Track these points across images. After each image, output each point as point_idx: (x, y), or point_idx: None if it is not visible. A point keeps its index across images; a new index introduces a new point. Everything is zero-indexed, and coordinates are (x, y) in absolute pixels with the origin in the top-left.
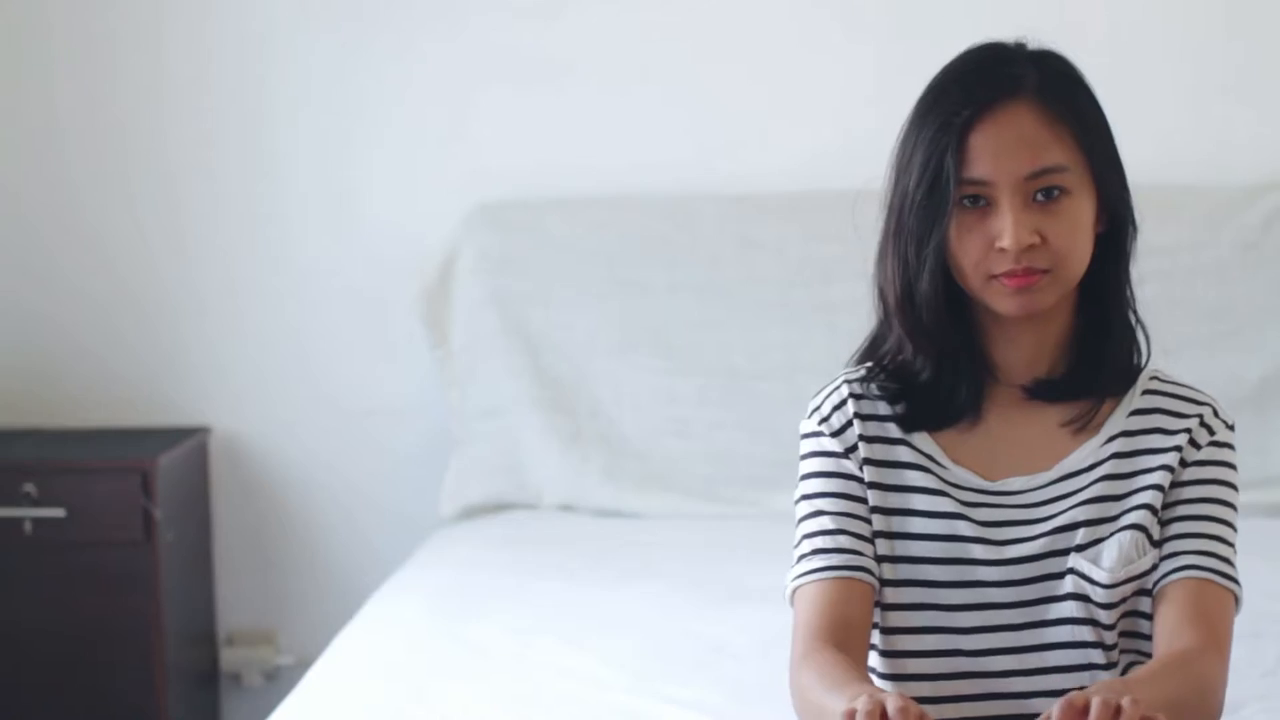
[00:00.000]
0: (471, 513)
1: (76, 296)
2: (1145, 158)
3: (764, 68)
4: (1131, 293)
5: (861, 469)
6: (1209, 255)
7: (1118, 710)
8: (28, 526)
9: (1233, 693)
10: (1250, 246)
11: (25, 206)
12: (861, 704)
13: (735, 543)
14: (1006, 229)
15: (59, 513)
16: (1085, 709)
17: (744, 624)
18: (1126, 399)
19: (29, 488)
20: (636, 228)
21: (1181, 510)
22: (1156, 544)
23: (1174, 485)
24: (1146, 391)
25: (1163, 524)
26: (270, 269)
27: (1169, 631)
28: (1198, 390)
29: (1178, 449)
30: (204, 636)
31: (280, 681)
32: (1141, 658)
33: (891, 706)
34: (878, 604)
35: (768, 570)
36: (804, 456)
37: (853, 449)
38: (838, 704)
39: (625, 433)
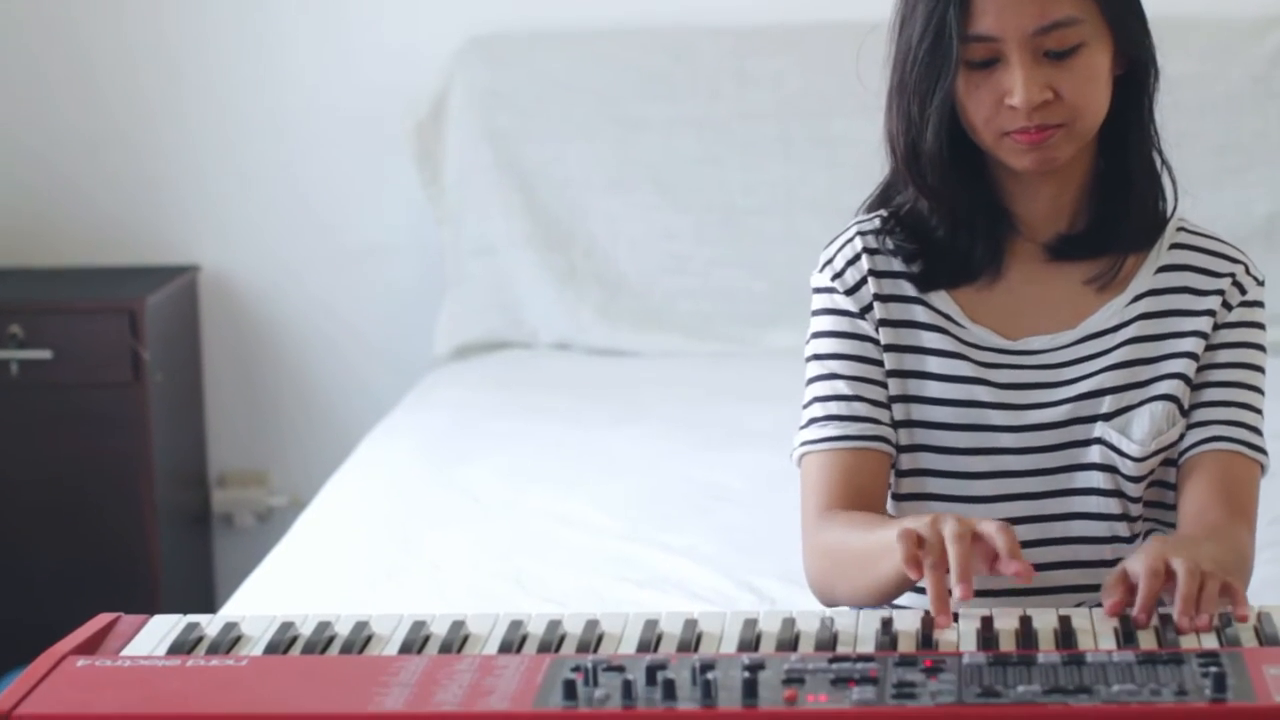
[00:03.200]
0: (466, 352)
1: (62, 131)
2: None
3: None
4: (1156, 134)
5: (877, 330)
6: (1217, 89)
7: (1203, 577)
8: (14, 368)
9: None
10: (1259, 79)
11: (8, 40)
12: (950, 527)
13: (733, 382)
14: (1017, 87)
15: (46, 354)
16: (1169, 574)
17: (741, 467)
18: (1153, 254)
19: (15, 329)
20: (632, 62)
21: (1211, 375)
22: (1185, 412)
23: (1205, 349)
24: (1174, 245)
25: (1192, 389)
26: (260, 103)
27: (1197, 506)
28: (1228, 244)
29: (1210, 313)
30: (195, 478)
31: (272, 522)
32: (1161, 528)
33: (990, 527)
34: (892, 469)
35: (766, 411)
36: (816, 313)
37: (868, 309)
38: (889, 533)
39: (621, 270)
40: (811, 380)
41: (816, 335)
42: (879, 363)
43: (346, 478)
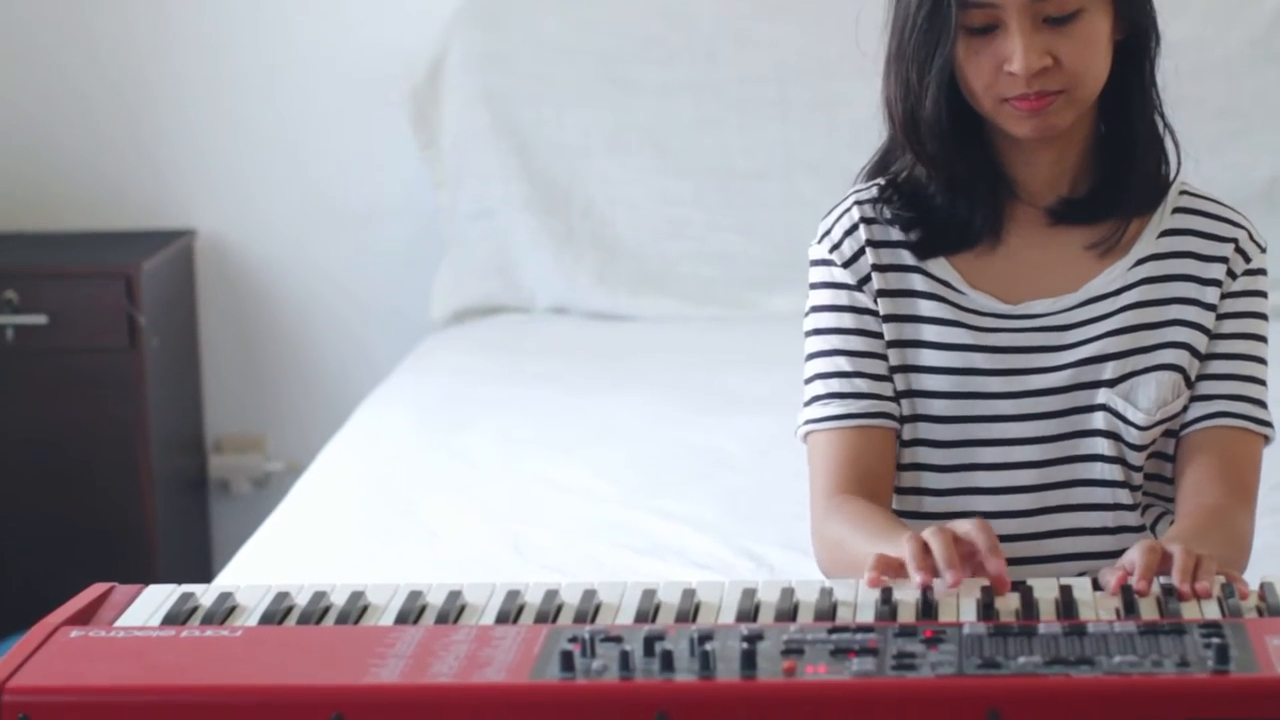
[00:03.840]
0: (463, 316)
1: (58, 96)
2: None
3: None
4: (1158, 98)
5: (876, 302)
6: (1216, 52)
7: (1198, 560)
8: (9, 334)
9: None
10: (1258, 43)
11: (4, 4)
12: (926, 530)
13: (732, 347)
14: (1016, 53)
15: (41, 319)
16: (1165, 555)
17: (740, 432)
18: (1155, 218)
19: (10, 294)
20: (630, 24)
21: (1216, 347)
22: (1190, 384)
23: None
24: (1177, 209)
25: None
26: (257, 67)
27: (1198, 482)
28: (1230, 209)
29: (1217, 283)
30: (191, 443)
31: (270, 488)
32: (1157, 501)
33: (967, 525)
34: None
35: (764, 376)
36: (814, 286)
37: (866, 280)
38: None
39: (619, 234)
40: (812, 356)
41: (815, 309)
42: (879, 335)
43: (343, 443)
